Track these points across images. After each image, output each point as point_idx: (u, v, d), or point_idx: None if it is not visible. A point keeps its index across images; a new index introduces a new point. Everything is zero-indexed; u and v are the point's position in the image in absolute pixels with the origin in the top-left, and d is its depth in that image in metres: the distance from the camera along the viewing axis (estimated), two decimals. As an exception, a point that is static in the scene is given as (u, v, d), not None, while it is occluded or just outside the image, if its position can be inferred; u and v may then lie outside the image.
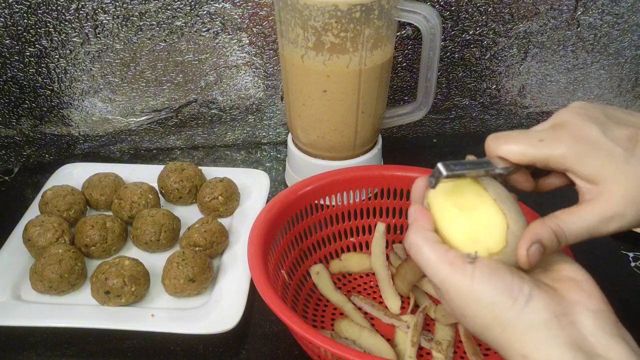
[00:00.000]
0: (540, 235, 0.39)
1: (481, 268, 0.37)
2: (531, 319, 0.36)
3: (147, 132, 0.89)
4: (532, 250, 0.38)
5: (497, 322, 0.36)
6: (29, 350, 0.57)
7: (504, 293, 0.36)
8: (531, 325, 0.36)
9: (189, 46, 0.81)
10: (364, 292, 0.64)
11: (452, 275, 0.38)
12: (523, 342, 0.36)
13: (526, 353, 0.35)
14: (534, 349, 0.35)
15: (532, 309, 0.36)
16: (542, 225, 0.39)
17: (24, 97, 0.83)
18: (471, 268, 0.37)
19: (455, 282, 0.38)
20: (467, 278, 0.37)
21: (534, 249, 0.38)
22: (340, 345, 0.45)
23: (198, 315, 0.58)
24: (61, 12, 0.76)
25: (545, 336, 0.35)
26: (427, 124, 0.93)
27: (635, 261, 0.70)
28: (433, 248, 0.39)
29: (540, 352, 0.35)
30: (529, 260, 0.38)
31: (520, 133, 0.42)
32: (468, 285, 0.37)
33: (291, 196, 0.62)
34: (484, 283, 0.37)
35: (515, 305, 0.36)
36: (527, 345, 0.35)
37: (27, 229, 0.65)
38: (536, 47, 0.87)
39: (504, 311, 0.36)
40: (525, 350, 0.35)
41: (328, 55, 0.64)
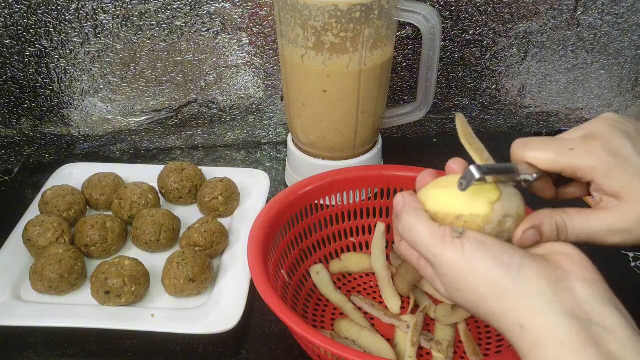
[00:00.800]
0: (542, 223, 0.40)
1: (470, 240, 0.38)
2: (525, 286, 0.36)
3: (147, 132, 0.89)
4: (528, 234, 0.39)
5: (491, 291, 0.37)
6: (29, 350, 0.57)
7: (495, 262, 0.37)
8: (526, 293, 0.36)
9: (189, 46, 0.81)
10: (364, 292, 0.64)
11: (444, 250, 0.38)
12: (519, 310, 0.36)
13: (523, 322, 0.35)
14: (530, 317, 0.35)
15: (525, 277, 0.36)
16: (548, 214, 0.40)
17: (24, 97, 0.83)
18: (460, 241, 0.38)
19: (447, 255, 0.38)
20: (457, 251, 0.38)
21: (530, 233, 0.39)
22: (340, 345, 0.45)
23: (198, 315, 0.58)
24: (61, 12, 0.76)
25: (540, 303, 0.35)
26: (427, 124, 0.93)
27: (635, 261, 0.70)
28: (425, 224, 0.40)
29: (536, 320, 0.35)
30: (521, 240, 0.40)
31: (549, 140, 0.42)
32: (459, 257, 0.38)
33: (291, 196, 0.62)
34: (475, 254, 0.37)
35: (509, 273, 0.36)
36: (523, 313, 0.35)
37: (27, 229, 0.65)
38: (536, 47, 0.87)
39: (498, 279, 0.36)
40: (522, 319, 0.35)
41: (328, 55, 0.64)
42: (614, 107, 0.95)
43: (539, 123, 0.94)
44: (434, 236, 0.39)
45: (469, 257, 0.37)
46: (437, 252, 0.39)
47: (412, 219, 0.41)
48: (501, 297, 0.36)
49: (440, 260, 0.39)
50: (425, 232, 0.40)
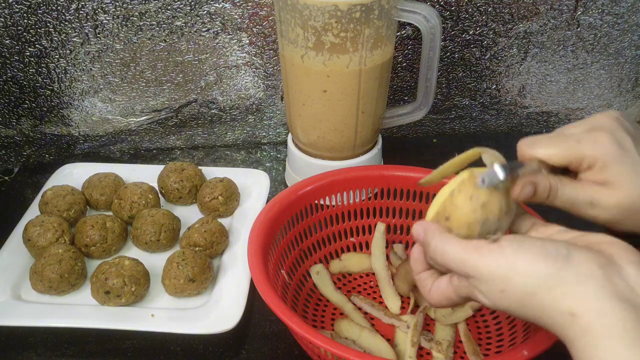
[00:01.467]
0: (538, 180, 0.41)
1: (507, 242, 0.38)
2: (577, 271, 0.35)
3: (147, 132, 0.89)
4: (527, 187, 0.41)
5: (541, 283, 0.36)
6: (29, 350, 0.57)
7: (541, 254, 0.36)
8: (578, 277, 0.35)
9: (189, 46, 0.81)
10: (364, 292, 0.64)
11: (482, 259, 0.38)
12: (570, 297, 0.35)
13: (574, 309, 0.34)
14: (583, 304, 0.34)
15: (575, 264, 0.36)
16: (544, 176, 0.42)
17: (24, 97, 0.83)
18: (497, 245, 0.38)
19: (486, 261, 0.38)
20: (497, 255, 0.38)
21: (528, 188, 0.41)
22: (340, 345, 0.45)
23: (198, 315, 0.58)
24: (61, 12, 0.76)
25: (593, 288, 0.34)
26: (427, 124, 0.93)
27: (635, 261, 0.69)
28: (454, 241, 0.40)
29: (590, 305, 0.34)
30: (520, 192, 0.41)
31: (556, 136, 0.44)
32: (502, 260, 0.37)
33: (291, 196, 0.62)
34: (516, 252, 0.37)
35: (557, 261, 0.36)
36: (575, 300, 0.35)
37: (27, 229, 0.65)
38: (536, 47, 0.87)
39: (547, 269, 0.36)
40: (573, 306, 0.34)
41: (328, 55, 0.64)
42: (614, 107, 0.95)
43: (539, 123, 0.94)
44: (467, 249, 0.39)
45: (511, 257, 0.37)
46: (473, 263, 0.38)
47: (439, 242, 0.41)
48: (552, 286, 0.35)
49: (480, 272, 0.38)
50: (456, 248, 0.39)
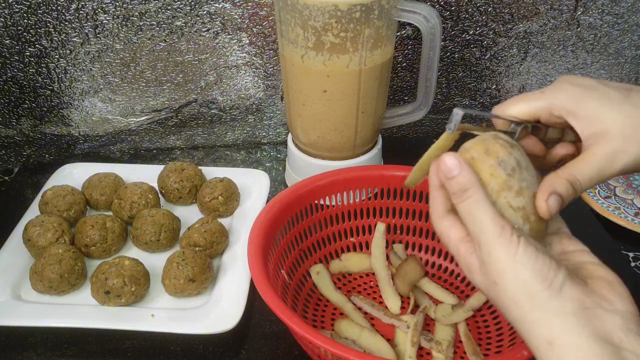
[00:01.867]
0: (556, 187, 0.40)
1: (525, 245, 0.38)
2: (562, 305, 0.36)
3: (147, 132, 0.89)
4: (551, 201, 0.40)
5: (528, 299, 0.37)
6: (29, 350, 0.57)
7: (541, 274, 0.37)
8: (561, 311, 0.36)
9: (189, 46, 0.81)
10: (364, 292, 0.64)
11: (498, 240, 0.38)
12: (550, 326, 0.36)
13: (552, 338, 0.35)
14: (561, 335, 0.35)
15: (564, 296, 0.36)
16: (556, 177, 0.41)
17: (24, 97, 0.83)
18: (517, 241, 0.38)
19: (498, 247, 0.38)
20: (511, 249, 0.38)
21: (552, 200, 0.40)
22: (340, 345, 0.45)
23: (198, 315, 0.58)
24: (61, 12, 0.76)
25: (574, 324, 0.35)
26: (427, 124, 0.93)
27: (635, 261, 0.70)
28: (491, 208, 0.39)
29: (567, 339, 0.35)
30: (548, 209, 0.40)
31: (522, 94, 0.45)
32: (510, 256, 0.37)
33: (291, 196, 0.62)
34: (526, 259, 0.37)
35: (550, 288, 0.36)
36: (555, 330, 0.35)
37: (27, 229, 0.65)
38: (536, 47, 0.87)
39: (538, 291, 0.36)
40: (552, 335, 0.35)
41: (328, 55, 0.64)
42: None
43: (539, 123, 0.94)
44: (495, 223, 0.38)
45: (518, 259, 0.37)
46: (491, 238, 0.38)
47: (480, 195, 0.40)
48: (535, 308, 0.36)
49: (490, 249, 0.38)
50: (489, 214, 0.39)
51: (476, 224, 0.39)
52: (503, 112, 0.44)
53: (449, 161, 0.41)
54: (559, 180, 0.41)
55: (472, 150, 0.41)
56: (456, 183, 0.40)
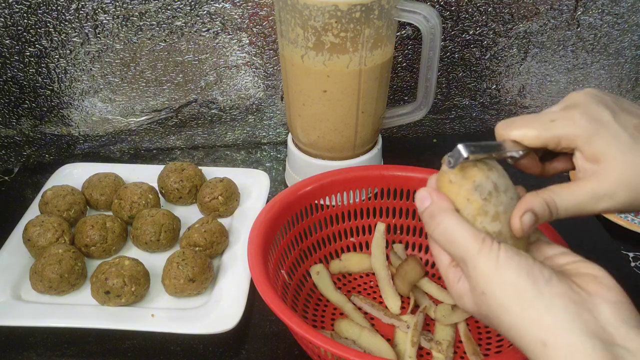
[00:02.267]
0: (533, 205, 0.40)
1: (505, 249, 0.38)
2: (551, 301, 0.36)
3: (147, 132, 0.89)
4: (525, 217, 0.40)
5: (517, 300, 0.36)
6: (29, 350, 0.57)
7: (525, 273, 0.37)
8: (550, 307, 0.36)
9: (189, 46, 0.81)
10: (364, 292, 0.64)
11: (480, 253, 0.38)
12: (541, 325, 0.35)
13: (546, 339, 0.35)
14: (554, 334, 0.35)
15: (552, 291, 0.36)
16: (535, 196, 0.41)
17: (24, 97, 0.83)
18: (497, 247, 0.38)
19: (482, 259, 0.38)
20: (492, 257, 0.38)
21: (527, 217, 0.40)
22: (340, 345, 0.45)
23: (198, 315, 0.58)
24: (61, 12, 0.76)
25: (565, 320, 0.35)
26: (427, 124, 0.93)
27: (635, 261, 0.70)
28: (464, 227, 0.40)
29: (560, 338, 0.35)
30: (522, 227, 0.40)
31: (531, 117, 0.43)
32: (493, 262, 0.38)
33: (291, 196, 0.62)
34: (508, 261, 0.37)
35: (536, 285, 0.36)
36: (546, 329, 0.35)
37: (27, 229, 0.65)
38: (536, 47, 0.87)
39: (525, 289, 0.36)
40: (545, 335, 0.35)
41: (328, 55, 0.64)
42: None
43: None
44: (475, 238, 0.39)
45: (502, 264, 0.37)
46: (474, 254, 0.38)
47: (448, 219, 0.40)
48: (525, 308, 0.36)
49: (475, 263, 0.38)
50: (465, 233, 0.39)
51: (456, 246, 0.39)
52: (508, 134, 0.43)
53: (419, 194, 0.42)
54: (537, 200, 0.40)
55: (449, 174, 0.42)
56: (427, 213, 0.41)
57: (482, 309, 0.39)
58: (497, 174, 0.42)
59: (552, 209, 0.40)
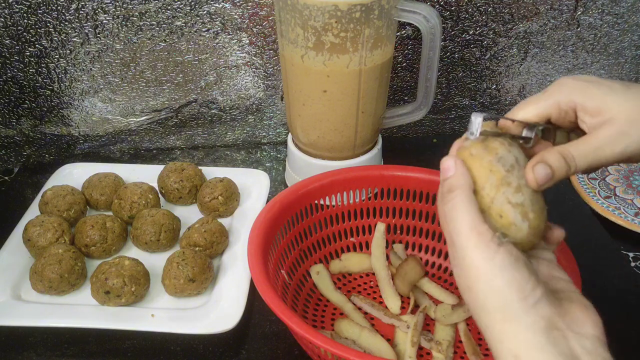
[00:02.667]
0: (546, 158, 0.40)
1: (504, 253, 0.37)
2: (534, 321, 0.36)
3: (147, 132, 0.89)
4: (538, 168, 0.40)
5: (500, 308, 0.36)
6: (29, 350, 0.57)
7: (517, 285, 0.36)
8: (532, 327, 0.36)
9: (189, 46, 0.81)
10: (364, 292, 0.64)
11: (475, 246, 0.37)
12: (519, 340, 0.35)
13: (520, 353, 0.35)
14: (528, 350, 0.35)
15: (537, 312, 0.36)
16: (550, 149, 0.41)
17: (24, 97, 0.83)
18: (495, 248, 0.37)
19: (474, 254, 0.37)
20: (487, 256, 0.37)
21: (540, 167, 0.40)
22: (340, 345, 0.45)
23: (198, 315, 0.58)
24: (61, 12, 0.76)
25: (543, 343, 0.35)
26: (427, 124, 0.93)
27: (635, 261, 0.69)
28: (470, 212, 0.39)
29: (533, 355, 0.35)
30: (535, 178, 0.39)
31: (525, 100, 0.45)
32: (486, 263, 0.37)
33: (291, 196, 0.62)
34: (503, 268, 0.37)
35: (524, 301, 0.36)
36: (523, 345, 0.35)
37: (27, 229, 0.65)
38: (536, 47, 0.87)
39: (511, 302, 0.36)
40: (520, 349, 0.35)
41: (328, 55, 0.64)
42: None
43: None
44: (472, 228, 0.38)
45: (496, 265, 0.37)
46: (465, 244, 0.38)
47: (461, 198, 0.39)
48: (507, 319, 0.36)
49: (464, 255, 0.38)
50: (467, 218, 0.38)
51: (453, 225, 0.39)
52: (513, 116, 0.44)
53: (445, 163, 0.41)
54: (551, 152, 0.41)
55: (471, 148, 0.41)
56: (447, 184, 0.40)
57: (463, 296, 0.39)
58: (517, 150, 0.42)
59: (568, 161, 0.40)
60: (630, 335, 0.57)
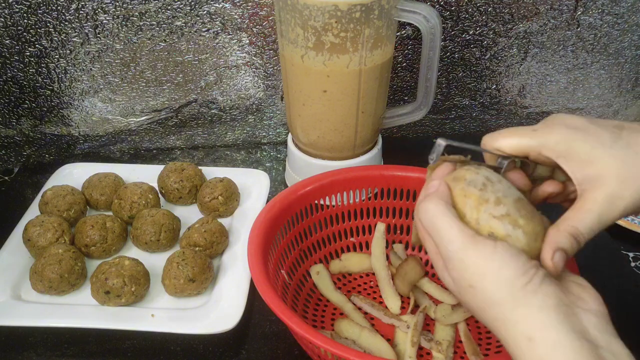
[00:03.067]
0: (560, 243, 0.40)
1: (503, 246, 0.38)
2: (543, 299, 0.36)
3: (147, 132, 0.89)
4: (556, 258, 0.40)
5: (510, 297, 0.37)
6: (29, 350, 0.57)
7: (522, 271, 0.37)
8: (542, 306, 0.36)
9: (189, 46, 0.81)
10: (364, 292, 0.64)
11: (473, 245, 0.38)
12: (531, 322, 0.36)
13: (532, 334, 0.36)
14: (542, 331, 0.35)
15: (544, 291, 0.37)
16: (557, 232, 0.40)
17: (24, 97, 0.83)
18: (493, 244, 0.38)
19: (474, 252, 0.38)
20: (488, 251, 0.38)
21: (557, 257, 0.40)
22: (340, 345, 0.45)
23: (198, 315, 0.58)
24: (61, 12, 0.76)
25: (555, 319, 0.36)
26: (427, 124, 0.93)
27: (635, 261, 0.70)
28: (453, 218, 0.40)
29: (548, 334, 0.35)
30: (554, 267, 0.39)
31: (514, 128, 0.44)
32: (488, 257, 0.38)
33: (291, 196, 0.62)
34: (505, 259, 0.38)
35: (530, 284, 0.37)
36: (535, 325, 0.36)
37: (27, 229, 0.65)
38: (536, 47, 0.87)
39: (521, 286, 0.37)
40: (532, 331, 0.36)
41: (328, 55, 0.64)
42: (614, 107, 0.95)
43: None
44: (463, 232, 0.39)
45: (498, 260, 0.38)
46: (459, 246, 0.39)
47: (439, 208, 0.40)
48: (517, 305, 0.37)
49: (462, 255, 0.39)
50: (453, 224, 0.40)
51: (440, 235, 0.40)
52: (492, 144, 0.44)
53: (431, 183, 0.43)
54: (561, 235, 0.40)
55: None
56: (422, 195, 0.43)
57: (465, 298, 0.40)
58: (486, 171, 0.43)
59: (578, 238, 0.40)
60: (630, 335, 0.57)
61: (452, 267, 0.40)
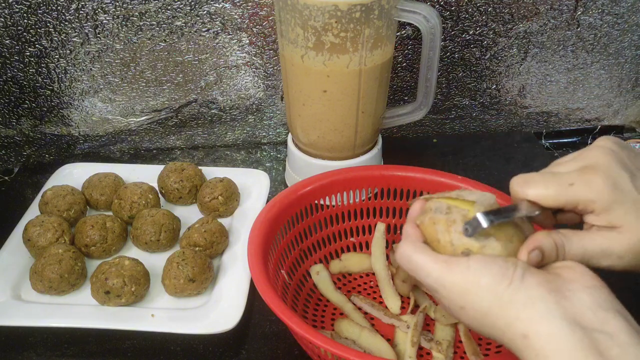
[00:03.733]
0: (543, 244, 0.41)
1: (475, 258, 0.39)
2: (527, 295, 0.37)
3: (147, 132, 0.89)
4: (533, 255, 0.40)
5: (495, 302, 0.37)
6: (29, 350, 0.57)
7: (499, 274, 0.38)
8: (528, 301, 0.37)
9: (189, 46, 0.81)
10: (364, 292, 0.64)
11: (448, 269, 0.40)
12: (522, 319, 0.36)
13: (526, 331, 0.36)
14: (533, 326, 0.36)
15: (527, 286, 0.37)
16: (547, 235, 0.41)
17: (24, 97, 0.83)
18: (466, 259, 0.39)
19: (451, 274, 0.39)
20: (462, 268, 0.39)
21: (534, 254, 0.40)
22: (340, 345, 0.45)
23: (198, 315, 0.58)
24: (61, 12, 0.76)
25: (543, 310, 0.36)
26: (427, 124, 0.93)
27: (635, 261, 0.69)
28: (424, 252, 0.42)
29: (540, 327, 0.35)
30: (529, 261, 0.40)
31: (548, 176, 0.43)
32: (464, 273, 0.39)
33: (291, 196, 0.62)
34: (480, 269, 0.38)
35: (511, 283, 0.37)
36: (527, 321, 0.36)
37: (27, 229, 0.65)
38: (536, 47, 0.87)
39: (502, 290, 0.37)
40: (525, 327, 0.36)
41: (328, 55, 0.64)
42: (614, 107, 0.95)
43: (539, 123, 0.94)
44: (435, 261, 0.40)
45: (473, 273, 0.38)
46: (438, 274, 0.40)
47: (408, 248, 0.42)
48: (504, 307, 0.37)
49: (443, 282, 0.40)
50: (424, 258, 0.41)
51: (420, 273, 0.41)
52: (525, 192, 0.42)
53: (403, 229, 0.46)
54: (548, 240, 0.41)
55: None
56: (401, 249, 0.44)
57: (463, 320, 0.40)
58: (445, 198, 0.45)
59: (559, 252, 0.41)
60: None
61: (440, 296, 0.41)
